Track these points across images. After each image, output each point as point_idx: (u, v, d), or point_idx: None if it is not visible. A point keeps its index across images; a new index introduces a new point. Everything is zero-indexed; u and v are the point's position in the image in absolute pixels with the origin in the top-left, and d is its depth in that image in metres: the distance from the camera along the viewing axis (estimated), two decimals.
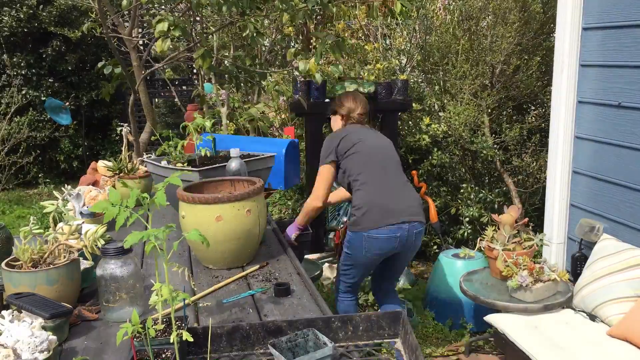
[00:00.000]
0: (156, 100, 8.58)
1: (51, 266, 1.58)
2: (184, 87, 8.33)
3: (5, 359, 1.24)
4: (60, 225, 1.87)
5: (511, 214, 3.13)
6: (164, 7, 3.84)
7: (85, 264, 1.81)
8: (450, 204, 4.48)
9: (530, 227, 3.16)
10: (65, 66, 7.50)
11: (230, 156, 2.27)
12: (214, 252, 1.94)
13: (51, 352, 1.31)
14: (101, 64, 3.63)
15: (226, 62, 3.73)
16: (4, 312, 1.39)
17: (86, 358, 1.38)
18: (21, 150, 6.89)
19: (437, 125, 4.46)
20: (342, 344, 1.39)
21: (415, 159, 4.56)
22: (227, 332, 1.37)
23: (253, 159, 2.42)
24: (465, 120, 4.14)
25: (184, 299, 1.30)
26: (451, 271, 3.56)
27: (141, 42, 4.78)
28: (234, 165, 2.23)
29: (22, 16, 7.11)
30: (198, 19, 4.34)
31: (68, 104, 6.22)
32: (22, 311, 1.43)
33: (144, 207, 1.26)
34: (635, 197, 2.82)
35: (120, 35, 3.43)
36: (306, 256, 3.95)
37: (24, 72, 7.31)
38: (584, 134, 3.12)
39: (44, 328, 1.37)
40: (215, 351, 1.37)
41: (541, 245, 3.28)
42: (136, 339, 1.23)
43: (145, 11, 4.28)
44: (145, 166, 2.88)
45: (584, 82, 3.10)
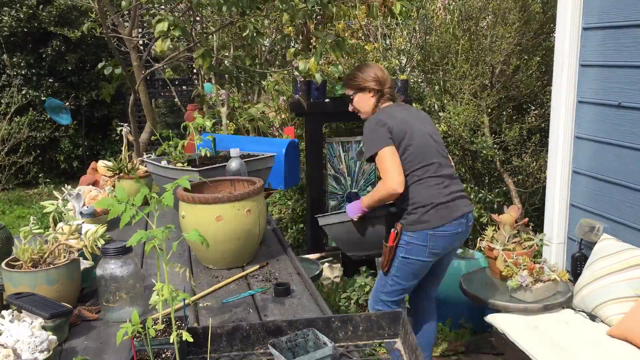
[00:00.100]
0: (156, 100, 8.58)
1: (51, 266, 1.58)
2: (184, 87, 8.34)
3: (5, 359, 1.24)
4: (60, 225, 1.87)
5: (511, 214, 3.13)
6: (164, 7, 3.84)
7: (85, 264, 1.81)
8: None
9: (530, 227, 3.16)
10: (65, 66, 7.50)
11: (230, 156, 2.27)
12: (214, 252, 1.94)
13: (51, 352, 1.31)
14: (101, 65, 3.63)
15: (226, 62, 3.73)
16: (4, 312, 1.39)
17: (86, 358, 1.38)
18: (21, 150, 6.89)
19: (437, 125, 4.45)
20: (342, 344, 1.39)
21: None
22: (227, 332, 1.37)
23: (253, 159, 2.42)
24: (465, 120, 4.14)
25: (184, 299, 1.30)
26: (451, 271, 3.55)
27: (141, 42, 4.78)
28: (234, 165, 2.23)
29: (22, 16, 7.11)
30: (198, 19, 4.34)
31: (68, 104, 6.22)
32: (22, 311, 1.43)
33: (150, 206, 1.26)
34: (635, 197, 2.82)
35: (120, 35, 3.43)
36: (306, 256, 3.95)
37: (24, 72, 7.31)
38: (584, 134, 3.12)
39: (44, 328, 1.37)
40: (215, 351, 1.37)
41: (541, 245, 3.28)
42: (136, 339, 1.23)
43: (145, 11, 4.27)
44: (145, 166, 2.88)
45: (584, 82, 3.10)
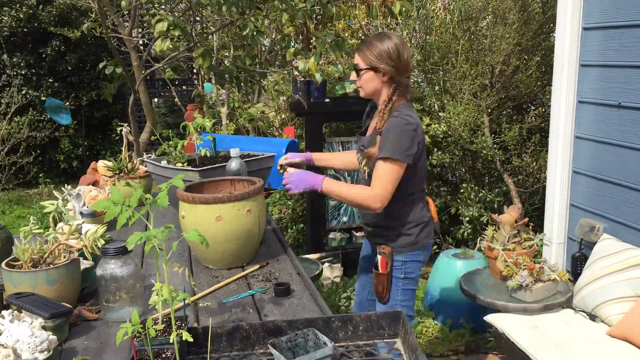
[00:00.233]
0: (156, 100, 8.59)
1: (51, 266, 1.58)
2: (184, 87, 8.35)
3: (5, 359, 1.24)
4: (60, 225, 1.87)
5: (511, 213, 3.13)
6: (163, 7, 3.84)
7: (85, 264, 1.81)
8: (450, 203, 4.48)
9: (530, 227, 3.16)
10: (65, 66, 7.50)
11: (230, 156, 2.27)
12: (214, 252, 1.94)
13: (51, 352, 1.31)
14: (102, 65, 3.63)
15: (226, 62, 3.73)
16: (4, 312, 1.39)
17: (86, 358, 1.38)
18: (21, 150, 6.89)
19: (437, 125, 4.46)
20: (342, 344, 1.39)
21: None
22: (227, 332, 1.37)
23: (253, 159, 2.42)
24: (465, 120, 4.14)
25: (184, 299, 1.30)
26: (451, 271, 3.56)
27: (141, 42, 4.78)
28: (234, 165, 2.23)
29: (22, 16, 7.11)
30: (198, 19, 4.34)
31: (68, 103, 6.22)
32: (22, 311, 1.43)
33: (146, 207, 1.26)
34: (635, 197, 2.82)
35: (120, 35, 3.43)
36: (306, 256, 3.95)
37: (24, 72, 7.32)
38: (584, 134, 3.12)
39: (44, 328, 1.37)
40: (215, 351, 1.37)
41: (541, 245, 3.28)
42: (136, 339, 1.23)
43: (145, 11, 4.28)
44: (145, 166, 2.87)
45: (584, 82, 3.10)
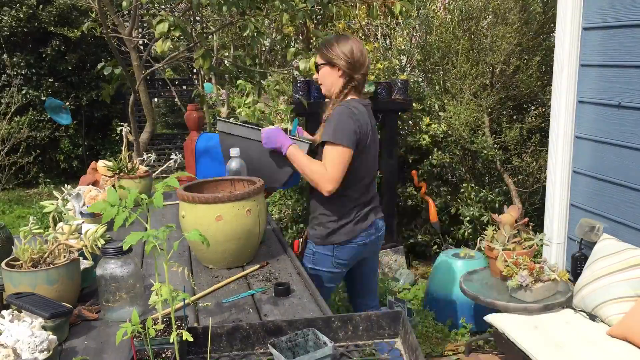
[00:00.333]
0: (156, 100, 8.59)
1: (51, 266, 1.58)
2: (184, 87, 8.35)
3: (5, 359, 1.24)
4: (60, 225, 1.87)
5: (511, 213, 3.13)
6: (164, 7, 3.84)
7: (85, 263, 1.81)
8: (450, 203, 4.48)
9: (530, 227, 3.16)
10: (65, 66, 7.50)
11: (231, 156, 2.27)
12: (214, 252, 1.94)
13: (51, 352, 1.31)
14: (101, 65, 3.62)
15: (226, 62, 3.73)
16: (4, 312, 1.38)
17: (86, 358, 1.38)
18: (21, 150, 6.89)
19: (437, 125, 4.46)
20: (342, 344, 1.39)
21: (415, 158, 4.56)
22: (227, 332, 1.37)
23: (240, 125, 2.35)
24: (465, 120, 4.14)
25: (184, 299, 1.30)
26: (451, 271, 3.56)
27: (141, 42, 4.78)
28: (234, 165, 2.23)
29: (22, 16, 7.11)
30: (198, 19, 4.34)
31: (68, 103, 6.22)
32: (22, 311, 1.43)
33: (142, 207, 1.25)
34: (635, 197, 2.82)
35: (120, 35, 3.43)
36: None
37: (24, 72, 7.32)
38: (584, 134, 3.12)
39: (44, 328, 1.37)
40: (215, 351, 1.37)
41: (541, 245, 3.28)
42: (136, 338, 1.23)
43: (145, 11, 4.28)
44: (145, 165, 2.87)
45: (584, 82, 3.10)
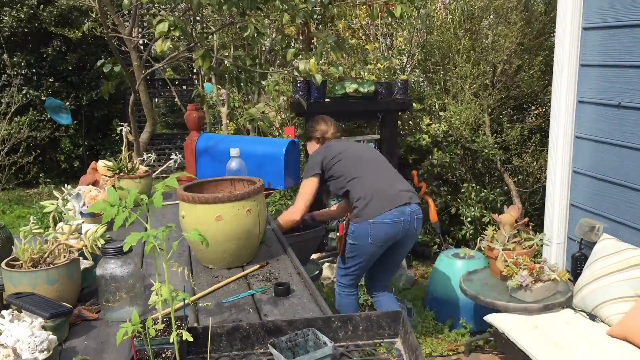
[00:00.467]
0: (156, 100, 8.59)
1: (51, 266, 1.57)
2: (184, 87, 8.34)
3: (5, 359, 1.24)
4: (60, 225, 1.87)
5: (511, 213, 3.13)
6: (164, 7, 3.84)
7: (85, 263, 1.81)
8: (450, 203, 4.48)
9: (531, 227, 3.16)
10: (65, 66, 7.50)
11: (231, 156, 2.27)
12: (214, 252, 1.94)
13: (51, 352, 1.31)
14: (100, 63, 3.62)
15: (226, 62, 3.73)
16: (4, 312, 1.38)
17: (86, 358, 1.38)
18: (21, 150, 6.89)
19: (437, 125, 4.46)
20: (342, 344, 1.39)
21: (415, 159, 4.56)
22: (227, 332, 1.37)
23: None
24: (466, 119, 4.14)
25: (184, 299, 1.30)
26: (451, 271, 3.56)
27: (141, 42, 4.78)
28: (234, 165, 2.23)
29: (23, 16, 7.11)
30: (198, 19, 4.34)
31: (68, 103, 6.23)
32: (22, 311, 1.43)
33: (142, 207, 1.25)
34: (635, 197, 2.82)
35: (120, 35, 3.42)
36: None
37: (24, 72, 7.32)
38: (584, 134, 3.12)
39: (44, 328, 1.37)
40: (215, 351, 1.37)
41: (541, 245, 3.28)
42: (136, 338, 1.23)
43: (146, 11, 4.28)
44: (145, 165, 2.87)
45: (584, 82, 3.10)
